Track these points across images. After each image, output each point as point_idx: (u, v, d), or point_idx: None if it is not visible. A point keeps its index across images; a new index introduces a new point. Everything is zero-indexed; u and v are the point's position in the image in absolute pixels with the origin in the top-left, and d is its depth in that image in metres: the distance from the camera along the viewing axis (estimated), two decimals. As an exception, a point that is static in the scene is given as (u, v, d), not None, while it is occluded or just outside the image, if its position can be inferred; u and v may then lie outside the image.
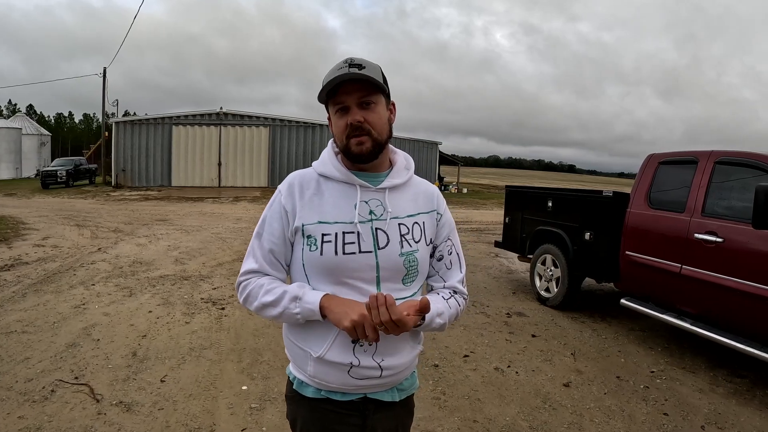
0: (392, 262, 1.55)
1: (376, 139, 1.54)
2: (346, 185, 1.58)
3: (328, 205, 1.56)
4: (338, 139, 1.56)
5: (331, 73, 1.52)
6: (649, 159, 6.03)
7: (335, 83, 1.49)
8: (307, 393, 1.61)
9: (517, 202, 8.31)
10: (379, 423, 1.64)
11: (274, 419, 3.69)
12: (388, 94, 1.61)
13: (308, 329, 1.57)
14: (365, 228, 1.54)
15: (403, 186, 1.66)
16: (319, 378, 1.57)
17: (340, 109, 1.54)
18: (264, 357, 4.82)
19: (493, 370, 4.81)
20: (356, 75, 1.48)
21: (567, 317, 6.63)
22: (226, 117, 30.86)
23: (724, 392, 4.56)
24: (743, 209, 4.64)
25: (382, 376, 1.57)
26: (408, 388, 1.72)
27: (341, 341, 1.52)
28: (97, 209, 18.21)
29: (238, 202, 22.85)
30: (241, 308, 6.27)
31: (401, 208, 1.62)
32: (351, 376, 1.54)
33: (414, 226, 1.62)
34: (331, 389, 1.58)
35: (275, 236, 1.60)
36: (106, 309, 6.03)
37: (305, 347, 1.58)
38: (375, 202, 1.58)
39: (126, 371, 4.37)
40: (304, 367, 1.60)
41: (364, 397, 1.60)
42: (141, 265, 8.56)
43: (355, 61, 1.52)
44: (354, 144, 1.53)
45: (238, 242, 11.39)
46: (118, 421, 3.54)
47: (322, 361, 1.54)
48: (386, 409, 1.65)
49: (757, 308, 4.39)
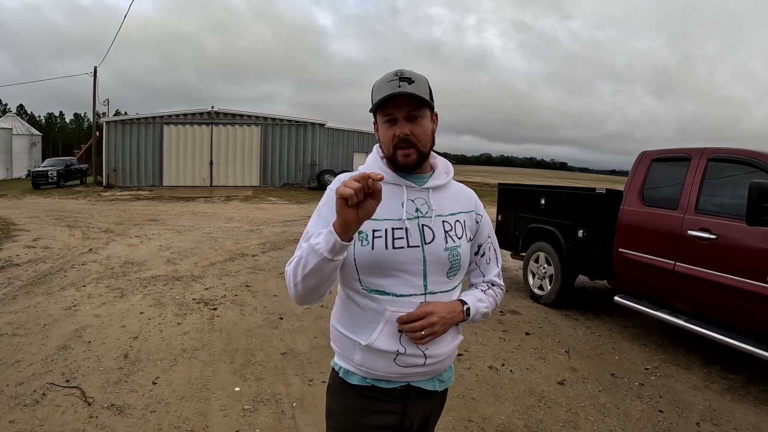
0: (438, 256, 1.65)
1: (421, 150, 1.64)
2: (393, 186, 1.67)
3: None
4: (385, 147, 1.67)
5: (381, 84, 1.62)
6: (642, 156, 6.03)
7: (387, 97, 1.58)
8: (353, 381, 1.70)
9: (509, 199, 8.30)
10: (417, 411, 1.74)
11: (267, 420, 3.67)
12: (433, 107, 1.69)
13: (356, 318, 1.67)
14: (412, 224, 1.64)
15: (444, 187, 1.76)
16: (366, 366, 1.65)
17: (389, 120, 1.64)
18: (257, 358, 4.79)
19: (487, 369, 4.80)
20: (407, 92, 1.57)
21: (561, 315, 6.63)
22: (218, 116, 30.72)
23: (719, 389, 4.57)
24: (736, 206, 4.65)
25: (426, 364, 1.66)
26: (447, 381, 1.83)
27: (389, 330, 1.61)
28: (88, 210, 18.10)
29: (230, 201, 22.75)
30: (233, 308, 6.24)
31: (444, 207, 1.71)
32: (397, 364, 1.63)
33: (456, 223, 1.72)
34: (377, 377, 1.67)
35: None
36: (97, 310, 5.99)
37: (353, 336, 1.67)
38: (420, 201, 1.68)
39: (117, 373, 4.33)
40: (351, 357, 1.68)
41: (407, 385, 1.70)
42: (132, 266, 8.50)
43: (405, 74, 1.61)
44: (401, 155, 1.63)
45: (230, 242, 11.34)
46: (110, 425, 3.51)
47: (369, 350, 1.63)
48: (426, 397, 1.75)
49: (751, 305, 4.40)
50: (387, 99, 1.59)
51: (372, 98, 1.65)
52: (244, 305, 6.44)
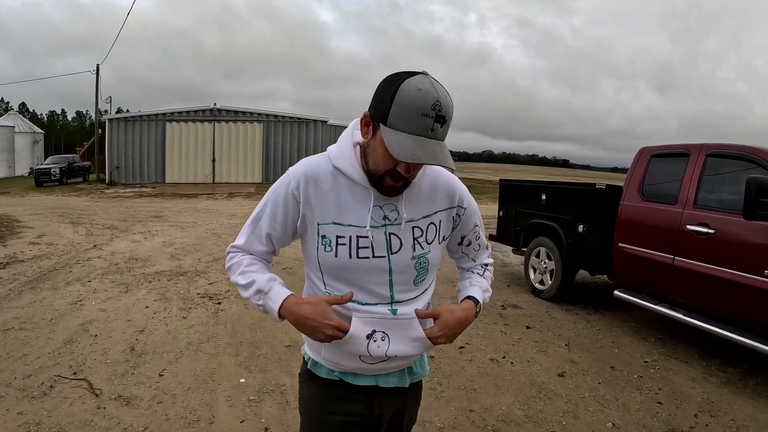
0: (404, 265, 1.56)
1: (409, 181, 1.51)
2: (361, 187, 1.54)
3: (342, 206, 1.54)
4: (375, 166, 1.47)
5: (412, 110, 1.34)
6: (641, 152, 6.07)
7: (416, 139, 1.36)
8: (320, 373, 1.68)
9: (510, 195, 8.35)
10: (386, 403, 1.71)
11: (273, 411, 3.73)
12: None
13: None
14: (378, 233, 1.54)
15: (419, 186, 1.59)
16: (333, 361, 1.63)
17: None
18: (261, 350, 4.85)
19: (488, 361, 4.86)
20: (435, 146, 1.37)
21: (561, 309, 6.69)
22: (220, 113, 30.79)
23: (717, 381, 4.62)
24: (734, 201, 4.69)
25: (390, 360, 1.61)
26: (419, 373, 1.78)
27: (356, 335, 1.54)
28: (91, 206, 18.19)
29: (233, 198, 22.84)
30: (237, 303, 6.30)
31: (417, 210, 1.59)
32: (362, 362, 1.59)
33: (429, 227, 1.61)
34: (344, 370, 1.64)
35: (277, 222, 1.62)
36: (102, 305, 6.05)
37: None
38: (389, 207, 1.55)
39: (124, 366, 4.39)
40: (318, 351, 1.66)
41: (375, 385, 1.67)
42: (137, 262, 8.57)
43: (442, 111, 1.35)
44: (389, 183, 1.49)
45: (233, 238, 11.29)
46: (117, 415, 3.57)
47: (335, 348, 1.59)
48: (394, 391, 1.71)
49: (749, 298, 4.45)
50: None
51: (391, 106, 1.36)
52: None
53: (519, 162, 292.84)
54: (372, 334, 1.55)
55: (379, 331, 1.56)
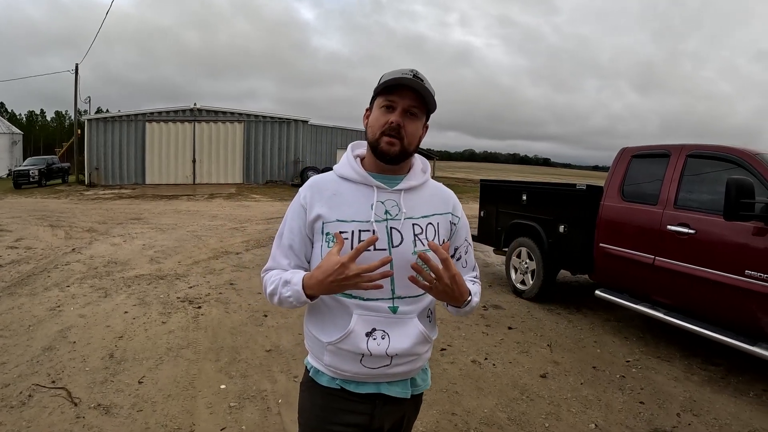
0: (405, 260, 1.60)
1: (405, 146, 1.64)
2: (363, 186, 1.68)
3: (345, 204, 1.65)
4: (372, 131, 1.66)
5: (394, 73, 1.64)
6: (622, 152, 6.11)
7: (398, 83, 1.60)
8: (322, 381, 1.70)
9: (491, 195, 8.37)
10: (387, 415, 1.72)
11: (254, 417, 3.69)
12: (430, 115, 1.73)
13: (324, 318, 1.67)
14: (380, 227, 1.62)
15: (419, 188, 1.74)
16: (334, 366, 1.65)
17: (387, 107, 1.63)
18: (242, 355, 4.81)
19: (470, 363, 4.86)
20: (418, 85, 1.60)
21: (543, 309, 6.71)
22: (200, 113, 30.58)
23: (699, 380, 4.66)
24: (714, 201, 4.73)
25: (393, 365, 1.64)
26: (421, 385, 1.81)
27: (357, 333, 1.60)
28: (70, 209, 17.95)
29: (214, 199, 22.68)
30: (217, 307, 6.25)
31: (416, 209, 1.70)
32: (363, 365, 1.62)
33: (428, 226, 1.70)
34: (346, 378, 1.66)
35: (294, 233, 1.71)
36: (81, 311, 5.97)
37: (322, 336, 1.67)
38: (391, 203, 1.66)
39: (103, 373, 4.33)
40: (320, 357, 1.69)
41: (377, 393, 1.68)
42: (116, 265, 8.47)
43: (420, 75, 1.63)
44: (385, 142, 1.62)
45: (214, 240, 11.32)
46: (97, 425, 3.51)
47: (336, 350, 1.63)
48: (396, 402, 1.73)
49: (730, 298, 4.49)
50: (396, 85, 1.60)
51: (379, 84, 1.66)
52: (228, 303, 6.45)
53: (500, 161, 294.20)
54: (372, 332, 1.61)
55: (380, 329, 1.62)
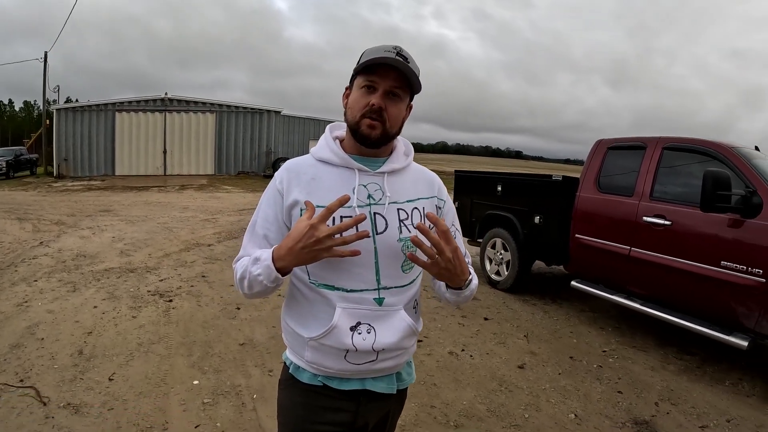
0: (391, 247, 1.54)
1: (386, 129, 1.54)
2: (344, 169, 1.57)
3: (325, 189, 1.54)
4: (352, 113, 1.55)
5: (376, 50, 1.52)
6: (598, 144, 6.12)
7: (379, 62, 1.49)
8: (303, 378, 1.61)
9: (466, 186, 8.33)
10: (372, 412, 1.65)
11: (228, 414, 3.61)
12: (413, 96, 1.62)
13: (305, 312, 1.57)
14: (364, 212, 1.52)
15: (402, 171, 1.65)
16: (317, 363, 1.56)
17: (368, 87, 1.52)
18: (215, 349, 4.72)
19: (447, 355, 4.83)
20: (401, 64, 1.49)
21: (518, 300, 6.72)
22: (171, 103, 30.04)
23: (676, 369, 4.69)
24: (690, 193, 4.78)
25: (378, 360, 1.56)
26: (406, 380, 1.74)
27: (340, 328, 1.51)
28: (38, 201, 17.55)
29: (185, 190, 22.36)
30: (189, 300, 6.13)
31: (400, 193, 1.60)
32: (347, 361, 1.54)
33: (413, 211, 1.60)
34: (329, 374, 1.57)
35: (269, 221, 1.60)
36: (49, 306, 5.80)
37: (303, 332, 1.57)
38: (373, 186, 1.57)
39: (73, 371, 4.20)
40: (301, 353, 1.59)
41: (361, 389, 1.60)
42: (85, 259, 8.27)
43: (403, 52, 1.52)
44: (366, 125, 1.52)
45: (185, 232, 11.13)
46: (67, 425, 3.40)
47: (319, 345, 1.54)
48: (381, 399, 1.65)
49: (705, 288, 4.52)
50: (378, 64, 1.49)
51: (359, 62, 1.55)
52: (200, 296, 6.33)
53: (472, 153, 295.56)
54: (357, 326, 1.51)
55: (364, 323, 1.52)
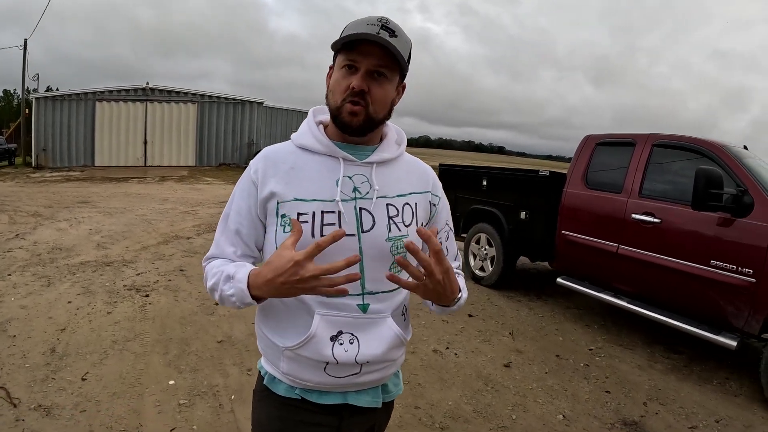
0: (378, 248, 1.36)
1: (371, 114, 1.34)
2: (328, 158, 1.40)
3: (306, 180, 1.37)
4: (333, 97, 1.36)
5: (358, 24, 1.33)
6: (586, 140, 6.04)
7: (359, 38, 1.29)
8: (278, 390, 1.45)
9: (450, 180, 8.22)
10: (355, 426, 1.49)
11: (205, 416, 3.48)
12: (404, 75, 1.43)
13: (281, 319, 1.40)
14: (348, 207, 1.35)
15: (393, 162, 1.47)
16: (293, 375, 1.39)
17: (349, 67, 1.33)
18: (192, 347, 4.57)
19: (431, 353, 4.73)
20: (384, 41, 1.28)
21: (503, 296, 6.64)
22: (153, 93, 29.57)
23: (663, 368, 4.65)
24: (680, 191, 4.73)
25: (362, 373, 1.40)
26: (393, 391, 1.58)
27: (320, 337, 1.34)
28: (16, 192, 17.19)
29: (165, 181, 22.07)
30: (166, 295, 5.97)
31: (390, 187, 1.42)
32: (328, 374, 1.37)
33: (405, 207, 1.43)
34: (307, 387, 1.41)
35: (242, 215, 1.43)
36: (22, 301, 5.60)
37: (279, 341, 1.40)
38: (360, 178, 1.39)
39: (45, 370, 4.03)
40: (276, 363, 1.42)
41: (343, 403, 1.44)
42: (60, 252, 8.06)
43: (390, 24, 1.31)
44: (347, 111, 1.33)
45: (164, 224, 10.93)
46: (37, 428, 3.24)
47: (296, 356, 1.37)
48: (366, 412, 1.49)
49: (694, 287, 4.47)
50: (358, 41, 1.29)
51: (341, 36, 1.35)
52: (178, 291, 6.17)
53: (455, 148, 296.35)
54: (338, 335, 1.35)
55: (347, 332, 1.36)
